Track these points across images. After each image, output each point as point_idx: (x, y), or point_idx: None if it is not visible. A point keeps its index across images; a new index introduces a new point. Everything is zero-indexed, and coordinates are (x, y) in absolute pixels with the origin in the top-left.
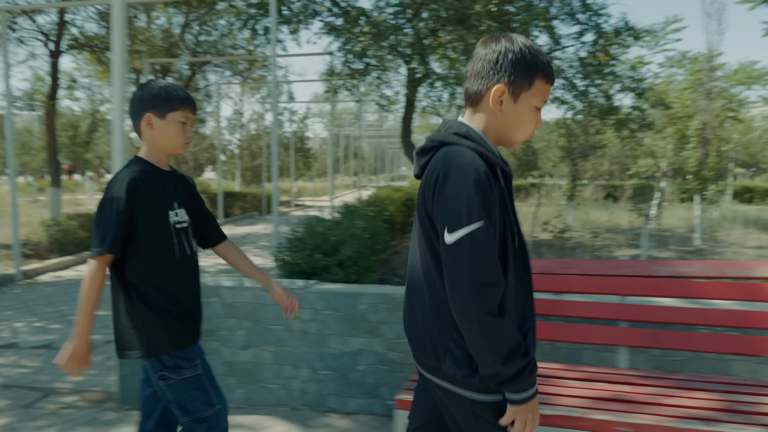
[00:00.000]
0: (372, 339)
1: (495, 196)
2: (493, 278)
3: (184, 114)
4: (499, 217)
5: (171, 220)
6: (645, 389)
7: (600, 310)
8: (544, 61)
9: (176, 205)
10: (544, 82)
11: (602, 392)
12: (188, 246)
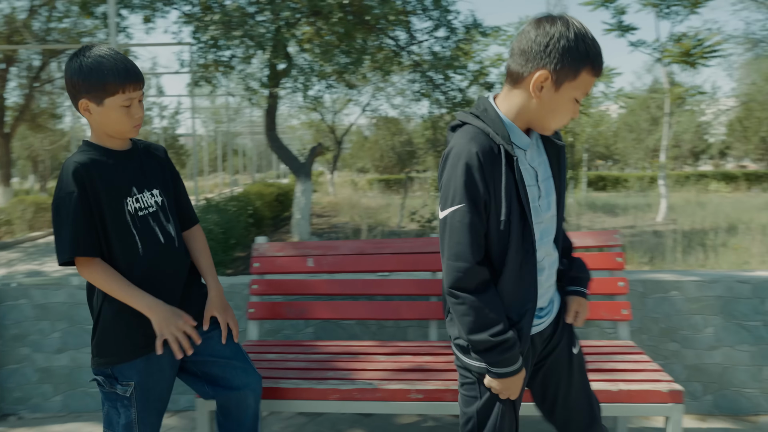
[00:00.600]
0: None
1: (490, 179)
2: (462, 258)
3: (126, 96)
4: (503, 199)
5: (129, 208)
6: (445, 358)
7: (413, 286)
8: (595, 52)
9: (136, 190)
10: (590, 74)
11: (405, 364)
12: (161, 233)
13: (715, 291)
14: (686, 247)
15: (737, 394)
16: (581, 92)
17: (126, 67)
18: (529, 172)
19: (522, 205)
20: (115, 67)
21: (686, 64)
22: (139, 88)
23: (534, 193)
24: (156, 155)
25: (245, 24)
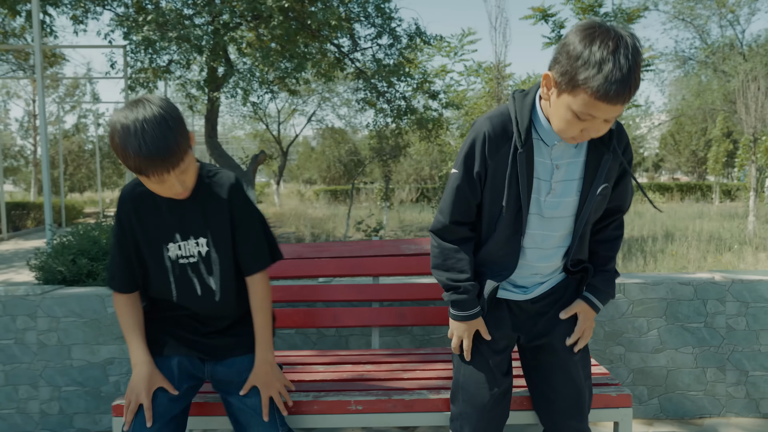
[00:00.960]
0: (124, 345)
1: (492, 157)
2: (443, 214)
3: (161, 176)
4: (506, 180)
5: (169, 254)
6: (388, 366)
7: (354, 292)
8: (601, 76)
9: (179, 236)
10: (591, 98)
11: (345, 374)
12: (199, 285)
13: (658, 293)
14: (626, 253)
15: (682, 397)
16: (582, 111)
17: (152, 146)
18: (545, 166)
19: (522, 192)
20: (139, 153)
21: None
22: (171, 169)
23: (542, 188)
24: (217, 195)
25: (181, 25)
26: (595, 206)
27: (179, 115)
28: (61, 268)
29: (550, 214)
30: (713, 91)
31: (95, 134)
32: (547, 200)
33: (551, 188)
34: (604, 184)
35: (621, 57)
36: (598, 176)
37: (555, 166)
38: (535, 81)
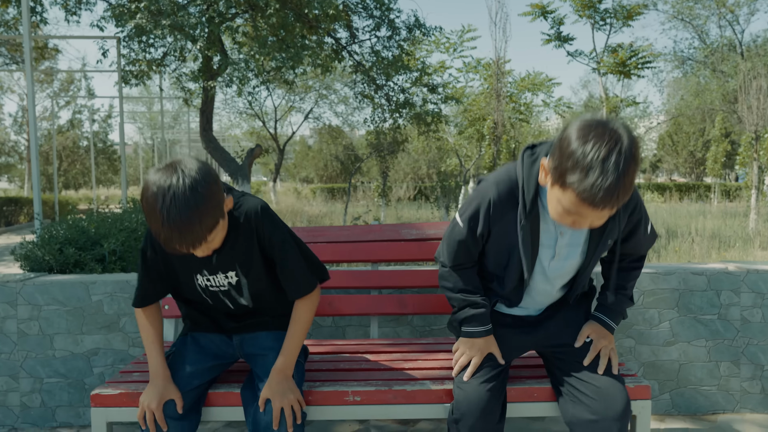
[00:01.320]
0: (110, 335)
1: (496, 221)
2: (442, 257)
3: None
4: (506, 243)
5: (199, 282)
6: (387, 356)
7: (350, 278)
8: (588, 183)
9: (207, 272)
10: (576, 199)
11: (342, 363)
12: (231, 305)
13: (669, 283)
14: None
15: (695, 392)
16: (570, 209)
17: (176, 231)
18: (549, 233)
19: (522, 254)
20: (162, 230)
21: (621, 74)
22: (188, 250)
23: (546, 254)
24: (243, 227)
25: (174, 14)
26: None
27: (211, 188)
28: (48, 257)
29: (554, 275)
30: (712, 92)
31: (90, 130)
32: (551, 264)
33: (555, 253)
34: (609, 241)
35: (611, 164)
36: (602, 241)
37: (559, 233)
38: (534, 79)
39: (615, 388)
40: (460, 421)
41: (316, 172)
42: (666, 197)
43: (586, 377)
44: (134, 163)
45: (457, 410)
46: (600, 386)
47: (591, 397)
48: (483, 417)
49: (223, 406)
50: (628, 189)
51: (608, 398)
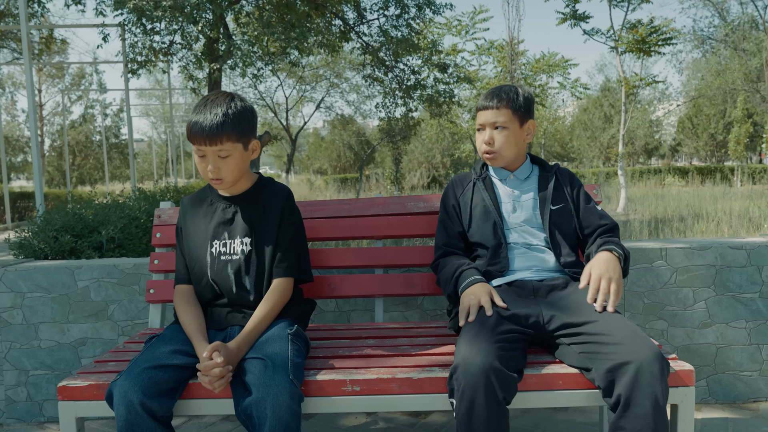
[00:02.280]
0: (98, 324)
1: (459, 194)
2: (437, 243)
3: (197, 147)
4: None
5: (212, 250)
6: (393, 341)
7: (352, 256)
8: (483, 95)
9: (227, 235)
10: (477, 111)
11: (340, 350)
12: (235, 284)
13: (705, 259)
14: (653, 231)
15: (733, 378)
16: (478, 121)
17: (202, 119)
18: (504, 192)
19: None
20: (199, 115)
21: (641, 52)
22: (208, 144)
23: (508, 208)
24: (271, 201)
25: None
26: (561, 222)
27: (248, 117)
28: (42, 245)
29: (520, 221)
30: (733, 71)
31: (102, 125)
32: (516, 214)
33: (513, 206)
34: (560, 204)
35: (497, 88)
36: (550, 190)
37: (513, 190)
38: (549, 60)
39: (642, 338)
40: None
41: (329, 163)
42: (687, 180)
43: (605, 339)
44: (148, 158)
45: (457, 379)
46: (622, 336)
47: (614, 344)
48: (487, 388)
49: (213, 398)
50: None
51: (635, 342)
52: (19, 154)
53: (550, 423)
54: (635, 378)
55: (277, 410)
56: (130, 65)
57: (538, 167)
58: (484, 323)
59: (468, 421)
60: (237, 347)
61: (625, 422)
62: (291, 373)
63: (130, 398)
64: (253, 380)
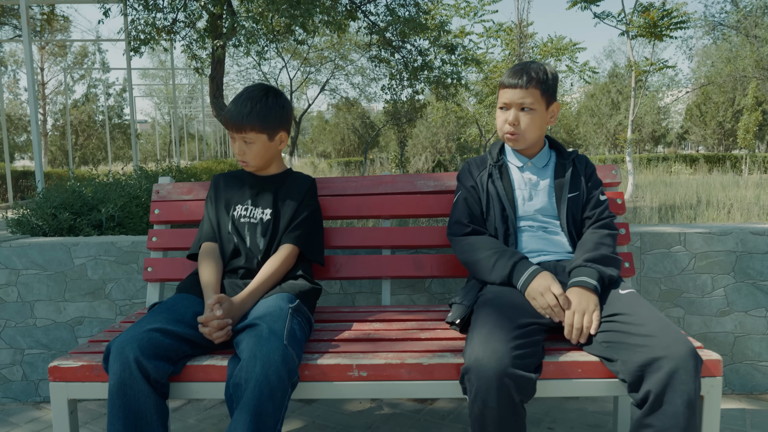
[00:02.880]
0: (95, 302)
1: (476, 175)
2: (454, 217)
3: (230, 133)
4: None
5: (234, 213)
6: (401, 325)
7: (359, 236)
8: (504, 75)
9: (250, 203)
10: (501, 89)
11: (346, 333)
12: (249, 241)
13: (725, 245)
14: (663, 217)
15: (751, 368)
16: (500, 101)
17: (234, 109)
18: (521, 179)
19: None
20: (233, 104)
21: (652, 36)
22: (235, 131)
23: (524, 195)
24: (295, 185)
25: None
26: (576, 210)
27: (276, 112)
28: (40, 222)
29: (535, 210)
30: (744, 58)
31: (104, 104)
32: (531, 203)
33: (529, 194)
34: (576, 192)
35: (521, 63)
36: (567, 179)
37: (529, 178)
38: (557, 43)
39: (675, 331)
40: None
41: (333, 146)
42: (696, 168)
43: (633, 329)
44: (151, 139)
45: (470, 380)
46: (653, 328)
47: (644, 335)
48: (502, 392)
49: (211, 381)
50: (532, 74)
51: (667, 336)
52: (22, 134)
53: (561, 411)
54: (669, 376)
55: (266, 368)
56: (133, 43)
57: (556, 153)
58: (501, 316)
59: (482, 421)
60: (241, 301)
61: (653, 420)
62: (286, 339)
63: (126, 354)
64: (245, 347)
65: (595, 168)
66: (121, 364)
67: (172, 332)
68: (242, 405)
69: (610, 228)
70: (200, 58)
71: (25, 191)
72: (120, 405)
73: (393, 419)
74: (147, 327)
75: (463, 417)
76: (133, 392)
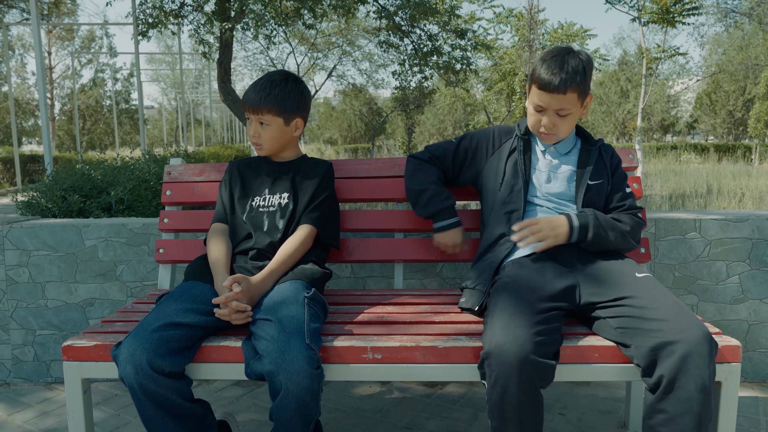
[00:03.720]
0: (106, 284)
1: (497, 146)
2: (422, 152)
3: (248, 114)
4: (504, 165)
5: (252, 203)
6: (415, 308)
7: (371, 219)
8: (539, 70)
9: (267, 191)
10: (536, 87)
11: (360, 315)
12: (267, 224)
13: (741, 232)
14: (673, 206)
15: (765, 356)
16: (535, 100)
17: (253, 90)
18: (542, 161)
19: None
20: (253, 86)
21: (664, 23)
22: (252, 112)
23: (541, 177)
24: (312, 170)
25: None
26: (597, 198)
27: (294, 98)
28: (50, 204)
29: (553, 194)
30: (756, 46)
31: (112, 89)
32: (549, 186)
33: (548, 177)
34: (599, 180)
35: (559, 58)
36: (588, 167)
37: (551, 160)
38: (568, 29)
39: (689, 315)
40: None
41: (339, 133)
42: (704, 158)
43: (647, 314)
44: (158, 124)
45: (490, 366)
46: (667, 312)
47: (658, 320)
48: (523, 378)
49: (225, 362)
50: (571, 74)
51: (681, 320)
52: (30, 118)
53: (572, 398)
54: (682, 360)
55: (294, 376)
56: (141, 26)
57: (582, 140)
58: (521, 301)
59: (501, 408)
60: (261, 280)
61: (666, 405)
62: (307, 338)
63: (138, 359)
64: (266, 347)
65: (620, 160)
66: (135, 367)
67: (183, 324)
68: (279, 422)
69: (636, 216)
70: (208, 43)
71: (33, 175)
72: (145, 399)
73: (404, 403)
74: (156, 324)
75: (473, 401)
76: (154, 386)
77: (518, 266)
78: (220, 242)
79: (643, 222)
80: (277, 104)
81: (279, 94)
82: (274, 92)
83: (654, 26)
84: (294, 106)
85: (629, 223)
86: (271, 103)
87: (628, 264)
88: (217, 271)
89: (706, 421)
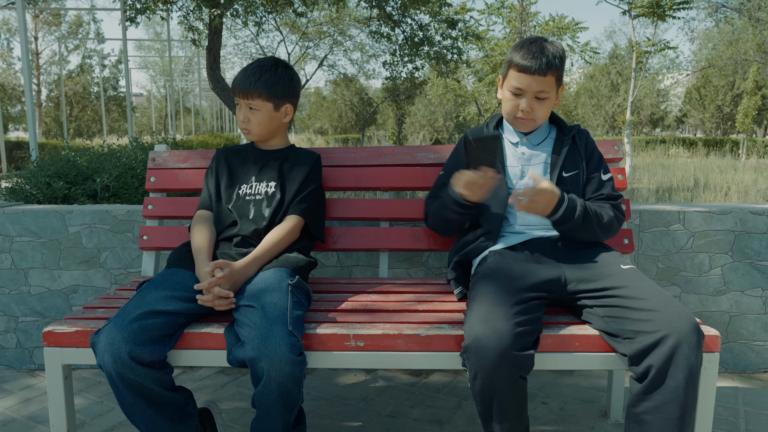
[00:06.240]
0: (90, 271)
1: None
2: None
3: (237, 99)
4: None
5: (239, 191)
6: (399, 297)
7: (357, 208)
8: (517, 56)
9: (254, 179)
10: (515, 71)
11: (344, 303)
12: (254, 212)
13: (724, 224)
14: (659, 200)
15: (745, 347)
16: (512, 83)
17: (242, 75)
18: (514, 156)
19: None
20: (243, 70)
21: (654, 16)
22: (242, 97)
23: (516, 171)
24: (300, 160)
25: None
26: (572, 190)
27: (284, 83)
28: (34, 190)
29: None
30: (746, 41)
31: (99, 76)
32: (520, 183)
33: (521, 170)
34: (574, 171)
35: (536, 43)
36: (563, 155)
37: (522, 153)
38: (559, 22)
39: (678, 306)
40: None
41: (330, 123)
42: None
43: (635, 303)
44: (147, 112)
45: (469, 359)
46: (655, 303)
47: (646, 310)
48: (502, 370)
49: (208, 349)
50: (551, 59)
51: (670, 311)
52: (16, 104)
53: (555, 387)
54: (672, 351)
55: (276, 363)
56: (129, 12)
57: (556, 129)
58: (501, 290)
59: (482, 396)
60: (245, 266)
61: (654, 394)
62: (290, 325)
63: (117, 348)
64: (248, 333)
65: (595, 144)
66: (113, 356)
67: (164, 312)
68: (261, 409)
69: (616, 208)
70: (197, 29)
71: (19, 162)
72: (123, 387)
73: (388, 392)
74: (136, 312)
75: (457, 390)
76: (132, 375)
77: (500, 257)
78: (204, 229)
79: (621, 212)
80: (267, 89)
81: (269, 79)
82: (264, 77)
83: (644, 20)
84: (284, 92)
85: (610, 214)
86: (261, 88)
87: (613, 256)
88: (199, 258)
89: (691, 409)
